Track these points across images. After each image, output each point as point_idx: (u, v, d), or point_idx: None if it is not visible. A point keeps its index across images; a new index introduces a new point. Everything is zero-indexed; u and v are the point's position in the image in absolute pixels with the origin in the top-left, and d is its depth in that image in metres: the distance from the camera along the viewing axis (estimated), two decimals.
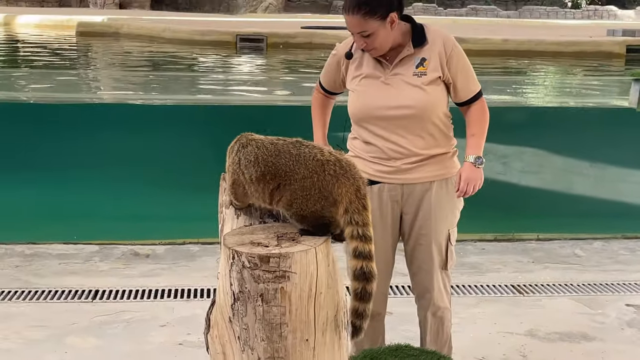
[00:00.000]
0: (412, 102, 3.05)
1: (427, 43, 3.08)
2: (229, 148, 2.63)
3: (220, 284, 2.54)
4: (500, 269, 5.28)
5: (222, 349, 2.58)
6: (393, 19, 2.96)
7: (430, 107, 3.07)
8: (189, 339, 3.99)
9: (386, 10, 2.93)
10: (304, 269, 2.42)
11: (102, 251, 5.51)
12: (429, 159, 3.13)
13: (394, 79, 3.08)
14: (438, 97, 3.09)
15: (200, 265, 5.23)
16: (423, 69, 3.06)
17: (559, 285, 4.98)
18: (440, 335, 3.35)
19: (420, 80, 3.06)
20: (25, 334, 4.05)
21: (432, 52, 3.07)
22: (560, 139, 6.21)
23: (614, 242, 5.96)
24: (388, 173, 3.14)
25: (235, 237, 2.58)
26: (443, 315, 3.33)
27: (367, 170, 3.12)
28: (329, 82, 3.34)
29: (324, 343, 2.50)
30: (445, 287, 3.31)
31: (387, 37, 3.00)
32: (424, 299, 3.31)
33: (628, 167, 6.46)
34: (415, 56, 3.08)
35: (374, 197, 3.15)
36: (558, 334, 4.21)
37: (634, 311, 4.55)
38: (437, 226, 3.20)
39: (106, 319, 4.28)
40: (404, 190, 3.16)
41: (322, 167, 2.47)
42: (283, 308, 2.41)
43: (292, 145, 2.55)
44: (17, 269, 5.10)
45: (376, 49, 3.02)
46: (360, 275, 2.38)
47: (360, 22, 2.92)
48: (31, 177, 5.96)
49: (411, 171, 3.13)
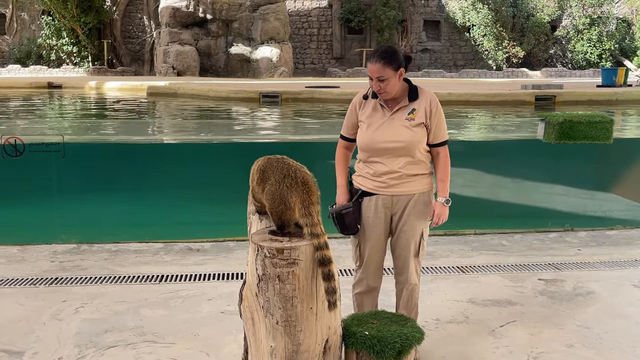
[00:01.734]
0: (403, 138, 3.09)
1: (417, 99, 3.15)
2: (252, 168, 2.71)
3: (249, 269, 2.54)
4: (449, 255, 5.26)
5: (251, 316, 2.57)
6: (402, 72, 3.07)
7: (415, 142, 3.10)
8: (229, 309, 3.97)
9: (398, 65, 3.04)
10: (307, 257, 2.43)
11: (165, 247, 5.49)
12: (411, 177, 3.14)
13: (392, 121, 3.12)
14: (421, 136, 3.12)
15: (236, 256, 5.22)
16: (413, 116, 3.12)
17: (491, 266, 4.96)
18: (409, 303, 3.33)
19: (409, 123, 3.11)
20: (112, 307, 4.04)
21: (420, 105, 3.13)
22: (490, 162, 6.23)
23: (529, 234, 5.94)
24: (382, 188, 3.15)
25: (259, 235, 2.58)
26: (413, 289, 3.31)
27: (368, 185, 3.19)
28: (350, 127, 3.26)
29: (323, 310, 2.50)
30: (416, 270, 3.29)
31: (395, 85, 3.07)
32: (401, 276, 3.29)
33: (537, 181, 6.47)
34: (408, 107, 3.13)
35: (371, 205, 3.19)
36: (490, 301, 4.19)
37: (544, 284, 4.53)
38: (414, 226, 3.19)
39: (169, 296, 4.26)
40: (393, 200, 3.16)
41: (283, 180, 2.55)
42: (294, 285, 2.40)
43: (276, 160, 2.61)
44: (106, 261, 5.09)
45: (387, 92, 3.07)
46: (321, 261, 2.42)
47: (380, 69, 3.01)
48: (115, 196, 5.97)
49: (398, 186, 3.14)
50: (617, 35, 27.40)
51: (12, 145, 5.43)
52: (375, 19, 26.39)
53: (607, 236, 5.93)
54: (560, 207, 6.44)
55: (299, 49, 27.20)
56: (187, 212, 5.96)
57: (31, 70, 24.25)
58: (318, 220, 2.45)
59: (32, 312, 3.94)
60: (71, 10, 24.12)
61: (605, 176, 6.75)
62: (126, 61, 26.23)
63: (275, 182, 2.54)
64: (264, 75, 22.51)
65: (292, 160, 2.62)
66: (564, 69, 26.80)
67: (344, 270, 4.77)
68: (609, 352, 3.42)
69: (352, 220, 3.17)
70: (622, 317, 3.92)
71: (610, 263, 5.04)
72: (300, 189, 2.49)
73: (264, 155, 2.75)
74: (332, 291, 2.43)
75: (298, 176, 2.52)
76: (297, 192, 2.49)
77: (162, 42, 23.48)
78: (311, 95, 13.00)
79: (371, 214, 3.18)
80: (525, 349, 3.46)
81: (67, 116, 11.47)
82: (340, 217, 3.16)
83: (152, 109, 13.21)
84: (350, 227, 3.19)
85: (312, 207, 2.47)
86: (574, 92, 13.00)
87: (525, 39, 26.97)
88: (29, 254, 5.25)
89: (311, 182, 2.55)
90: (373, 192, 3.17)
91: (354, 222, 3.18)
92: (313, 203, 2.48)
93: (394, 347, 2.59)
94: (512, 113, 11.29)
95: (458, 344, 3.48)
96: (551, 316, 3.92)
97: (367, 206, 3.19)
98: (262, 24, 23.21)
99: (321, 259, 2.40)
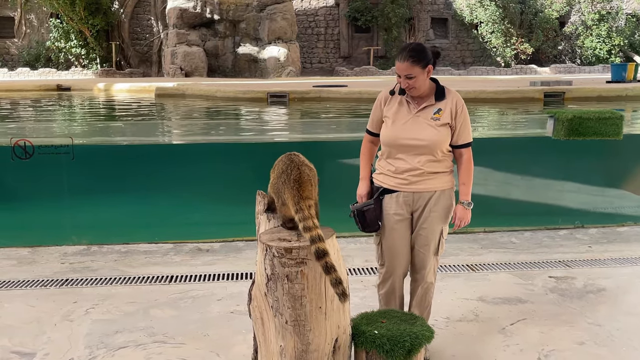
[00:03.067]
0: (427, 137, 3.09)
1: (444, 99, 3.14)
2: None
3: (258, 269, 2.54)
4: (458, 253, 5.24)
5: (260, 315, 2.57)
6: (430, 69, 3.07)
7: (439, 142, 3.10)
8: (238, 309, 3.98)
9: (426, 62, 3.04)
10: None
11: (175, 248, 5.51)
12: (432, 174, 3.14)
13: (417, 118, 3.12)
14: (445, 136, 3.12)
15: (245, 256, 5.22)
16: (438, 115, 3.11)
17: (500, 264, 4.94)
18: (423, 302, 3.32)
19: (435, 123, 3.10)
20: (122, 308, 4.06)
21: (446, 106, 3.13)
22: (499, 160, 6.19)
23: (539, 232, 5.92)
24: (403, 185, 3.15)
25: (267, 235, 2.58)
26: (428, 288, 3.30)
27: (389, 182, 3.19)
28: (375, 122, 3.27)
29: (332, 309, 2.50)
30: (434, 269, 3.28)
31: (424, 82, 3.07)
32: (418, 274, 3.28)
33: (547, 178, 6.43)
34: (434, 106, 3.13)
35: (392, 202, 3.18)
36: (500, 299, 4.17)
37: (554, 281, 4.51)
38: (434, 223, 3.18)
39: (179, 296, 4.28)
40: (414, 197, 3.16)
41: (280, 176, 2.59)
42: (302, 285, 2.40)
43: (286, 157, 2.66)
44: (116, 262, 5.12)
45: (415, 89, 3.07)
46: (316, 254, 2.38)
47: (408, 67, 3.01)
48: (124, 197, 5.99)
49: (419, 183, 3.13)
50: (627, 30, 27.21)
51: (22, 147, 5.46)
52: (383, 17, 26.33)
53: (617, 233, 5.89)
54: (570, 204, 6.40)
55: (306, 48, 27.20)
56: (196, 213, 5.97)
57: (40, 73, 24.37)
58: (310, 214, 2.44)
59: (43, 313, 3.96)
60: (79, 12, 24.22)
61: (616, 173, 6.69)
62: (134, 63, 26.32)
63: (274, 177, 2.59)
64: (272, 75, 22.51)
65: (300, 157, 2.62)
66: (573, 65, 26.65)
67: (353, 270, 4.77)
68: (620, 350, 3.39)
69: (373, 217, 3.17)
70: (634, 314, 3.90)
71: (621, 260, 5.01)
72: (291, 185, 2.51)
73: (271, 155, 2.76)
74: (337, 282, 2.39)
75: (293, 173, 2.53)
76: (288, 188, 2.51)
77: (169, 43, 23.54)
78: (319, 94, 12.98)
79: (392, 211, 3.17)
80: (536, 347, 3.44)
81: (76, 118, 11.52)
82: (361, 215, 3.16)
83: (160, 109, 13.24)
84: (372, 224, 3.18)
85: (302, 202, 2.47)
86: (583, 89, 12.91)
87: (534, 36, 26.83)
88: (39, 255, 5.28)
89: (305, 178, 2.54)
90: (394, 189, 3.16)
91: (375, 219, 3.17)
92: (303, 198, 2.48)
93: (403, 346, 2.58)
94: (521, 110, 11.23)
95: (468, 343, 3.47)
96: (562, 314, 3.90)
97: (388, 203, 3.18)
98: (269, 23, 23.22)
99: (316, 252, 2.37)
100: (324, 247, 2.36)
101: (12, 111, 12.84)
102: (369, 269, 4.80)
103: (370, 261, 4.98)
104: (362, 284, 4.41)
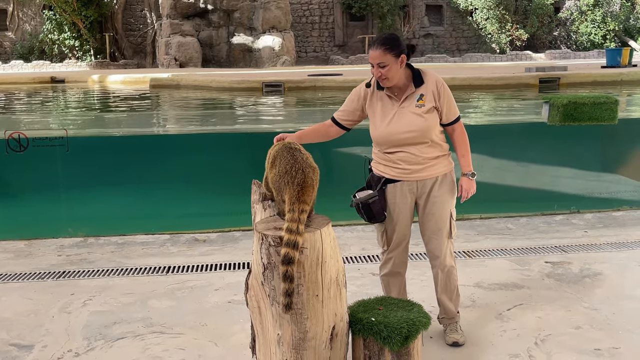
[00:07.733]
0: (416, 127, 3.07)
1: (423, 83, 3.11)
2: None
3: (254, 258, 2.54)
4: (455, 240, 5.23)
5: (257, 304, 2.57)
6: (403, 59, 3.03)
7: (430, 128, 3.09)
8: (235, 298, 3.98)
9: (399, 51, 3.01)
10: (312, 245, 2.42)
11: (172, 239, 5.50)
12: (432, 160, 3.14)
13: (402, 110, 3.10)
14: (434, 122, 3.11)
15: (242, 245, 5.22)
16: (422, 102, 3.09)
17: (497, 250, 4.95)
18: (449, 286, 3.33)
19: (420, 110, 3.09)
20: (119, 299, 4.06)
21: (427, 89, 3.11)
22: (495, 146, 6.19)
23: (535, 218, 5.93)
24: (405, 174, 3.14)
25: (263, 224, 2.58)
26: (450, 271, 3.31)
27: (390, 172, 3.18)
28: (348, 114, 3.23)
29: (329, 297, 2.50)
30: (450, 252, 3.29)
31: (397, 72, 3.04)
32: (436, 260, 3.30)
33: (543, 163, 6.43)
34: (416, 93, 3.10)
35: (396, 191, 3.18)
36: (497, 285, 4.18)
37: (551, 266, 4.52)
38: (441, 207, 3.19)
39: (176, 287, 4.28)
40: (418, 184, 3.16)
41: (284, 175, 2.55)
42: (299, 273, 2.40)
43: (287, 151, 2.62)
44: (113, 254, 5.11)
45: (388, 79, 3.04)
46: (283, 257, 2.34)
47: (381, 55, 2.99)
48: (120, 189, 5.98)
49: (422, 171, 3.13)
50: (621, 15, 27.14)
51: (16, 140, 5.44)
52: (376, 5, 26.22)
53: (613, 217, 5.90)
54: (566, 189, 6.41)
55: (301, 37, 27.08)
56: (192, 203, 5.96)
57: (34, 66, 24.24)
58: (299, 218, 2.39)
59: (40, 305, 3.96)
60: (72, 4, 24.07)
61: (611, 157, 6.70)
62: (128, 54, 26.19)
63: (277, 174, 2.55)
64: (267, 65, 22.42)
65: (302, 154, 2.59)
66: (568, 51, 26.60)
67: (350, 258, 4.77)
68: (617, 333, 3.41)
69: (379, 208, 3.16)
70: (630, 298, 3.91)
71: (617, 244, 5.02)
72: (294, 188, 2.48)
73: (267, 146, 2.74)
74: (288, 293, 2.36)
75: (298, 176, 2.50)
76: (290, 190, 2.49)
77: (163, 33, 23.40)
78: (314, 83, 12.95)
79: (396, 200, 3.18)
80: (532, 331, 3.45)
81: (70, 110, 11.47)
82: (366, 207, 3.16)
83: (154, 100, 13.19)
84: (378, 215, 3.18)
85: (297, 205, 2.44)
86: (578, 74, 12.90)
87: (529, 22, 26.75)
88: (36, 248, 5.28)
89: (309, 182, 2.51)
90: (397, 179, 3.16)
91: (381, 210, 3.17)
92: (300, 201, 2.45)
93: (400, 333, 2.59)
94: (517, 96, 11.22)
95: (465, 328, 3.47)
96: (558, 299, 3.92)
97: (391, 192, 3.18)
98: (264, 13, 23.09)
99: (284, 256, 2.32)
100: (293, 255, 2.32)
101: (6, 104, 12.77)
102: (366, 257, 4.81)
103: (367, 249, 4.98)
104: (359, 272, 4.41)
